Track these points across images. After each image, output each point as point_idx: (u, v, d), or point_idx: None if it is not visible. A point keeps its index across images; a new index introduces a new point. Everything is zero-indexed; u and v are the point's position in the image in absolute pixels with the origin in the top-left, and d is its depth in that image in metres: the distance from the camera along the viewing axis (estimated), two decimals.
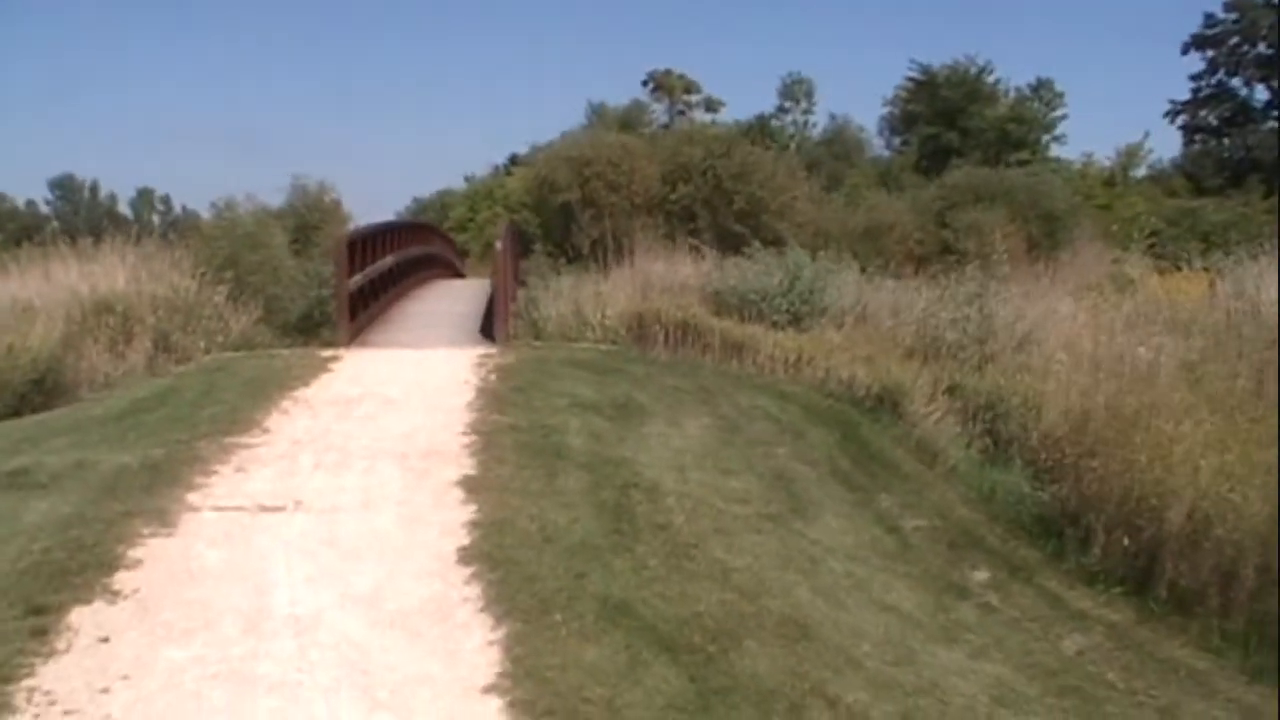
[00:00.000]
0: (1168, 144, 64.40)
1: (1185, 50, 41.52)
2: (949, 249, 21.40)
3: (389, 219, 20.76)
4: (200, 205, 49.46)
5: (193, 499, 6.87)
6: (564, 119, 69.72)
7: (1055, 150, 39.71)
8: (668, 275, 15.08)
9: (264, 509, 6.78)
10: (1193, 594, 7.33)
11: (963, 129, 37.76)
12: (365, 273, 14.00)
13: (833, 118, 42.16)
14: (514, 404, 9.43)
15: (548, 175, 23.51)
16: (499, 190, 36.88)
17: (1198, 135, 42.33)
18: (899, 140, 41.23)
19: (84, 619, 5.21)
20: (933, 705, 5.37)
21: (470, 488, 7.17)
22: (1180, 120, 42.34)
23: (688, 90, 45.41)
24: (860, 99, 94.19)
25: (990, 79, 39.16)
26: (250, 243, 17.44)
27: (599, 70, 76.89)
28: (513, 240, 18.20)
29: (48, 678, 4.70)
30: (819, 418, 10.35)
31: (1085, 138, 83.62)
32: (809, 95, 44.65)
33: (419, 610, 5.45)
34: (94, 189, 69.99)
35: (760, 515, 7.46)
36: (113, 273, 13.32)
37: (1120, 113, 73.59)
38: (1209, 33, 41.26)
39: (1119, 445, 7.88)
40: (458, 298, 18.33)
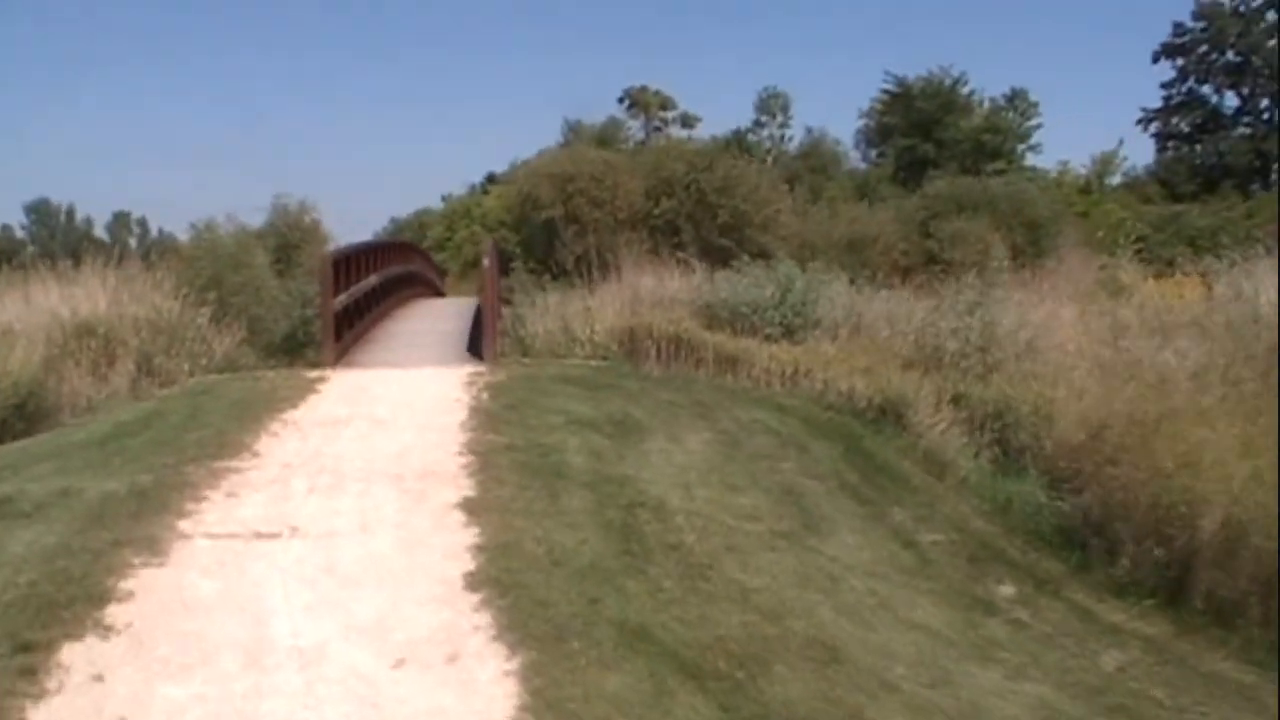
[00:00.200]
0: (1141, 151, 64.81)
1: (1155, 58, 41.87)
2: (934, 259, 21.31)
3: (367, 239, 20.64)
4: (177, 228, 49.25)
5: (184, 526, 6.63)
6: (540, 137, 69.78)
7: (1031, 160, 39.78)
8: (657, 289, 14.90)
9: (258, 536, 6.56)
10: (1231, 605, 7.14)
11: (938, 140, 37.70)
12: (350, 292, 13.81)
13: (809, 131, 42.02)
14: (508, 422, 9.25)
15: (530, 191, 23.29)
16: (476, 209, 36.76)
17: (1170, 142, 42.56)
18: (875, 152, 41.19)
19: (75, 656, 4.95)
20: None
21: (471, 510, 6.97)
22: (1153, 128, 42.60)
23: (663, 106, 45.26)
24: (836, 112, 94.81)
25: (965, 90, 39.17)
26: (233, 263, 17.32)
27: (573, 88, 77.03)
28: (496, 258, 18.06)
29: None
30: (821, 431, 10.17)
31: (1060, 146, 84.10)
32: (785, 109, 44.54)
33: (428, 640, 5.22)
34: (70, 213, 69.80)
35: (773, 533, 7.27)
36: (94, 295, 13.05)
37: (1094, 121, 74.11)
38: (1178, 41, 41.55)
39: (1142, 453, 7.67)
40: (441, 316, 18.21)
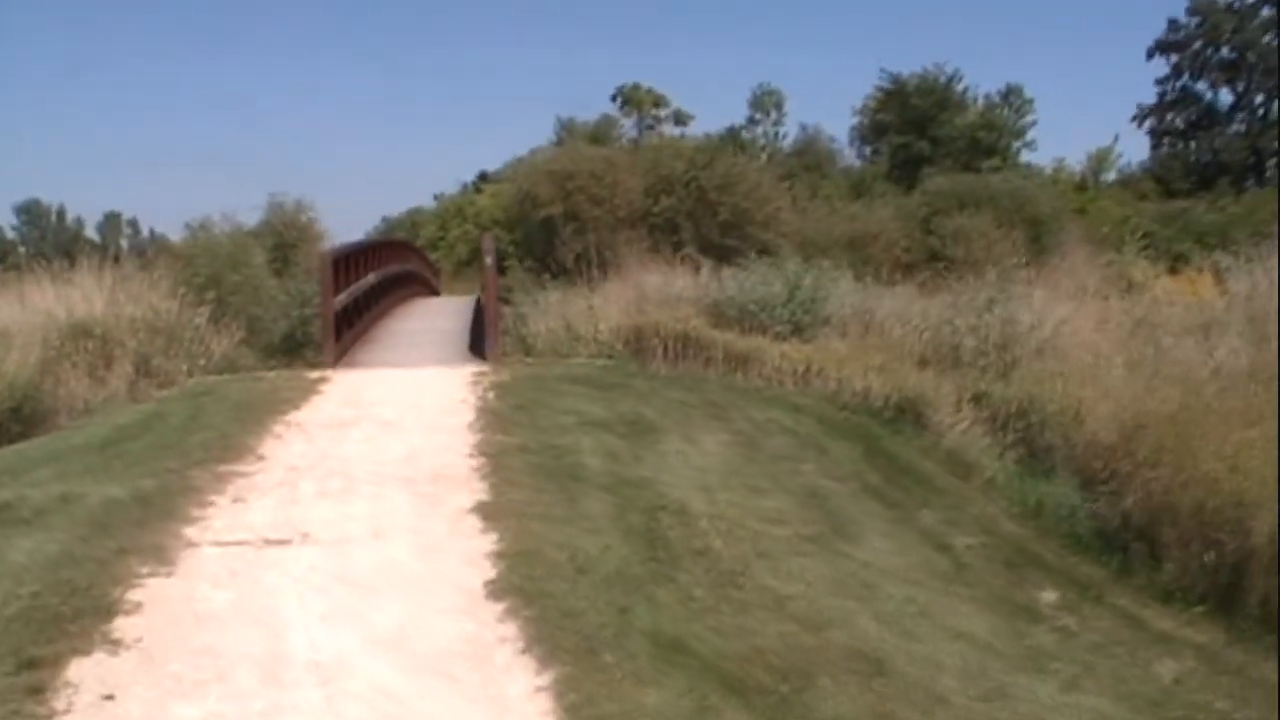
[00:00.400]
0: (1136, 148, 64.80)
1: (1150, 55, 41.93)
2: (936, 256, 21.18)
3: (360, 239, 20.43)
4: (168, 229, 48.88)
5: (190, 533, 6.37)
6: (532, 136, 69.43)
7: (1026, 156, 39.70)
8: (662, 287, 14.69)
9: (268, 542, 6.30)
10: None
11: (933, 137, 37.57)
12: (349, 291, 13.62)
13: (803, 128, 41.90)
14: (518, 423, 9.04)
15: (529, 189, 23.12)
16: (469, 208, 36.48)
17: (1165, 139, 42.57)
18: (870, 150, 41.03)
19: (84, 673, 4.68)
20: None
21: (487, 514, 6.73)
22: (1148, 124, 42.69)
23: (656, 104, 45.03)
24: (830, 109, 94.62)
25: (959, 87, 39.07)
26: (230, 263, 17.17)
27: (565, 86, 76.51)
28: (495, 255, 17.90)
29: None
30: (838, 431, 9.94)
31: (1055, 143, 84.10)
32: (779, 106, 44.47)
33: (453, 652, 4.97)
34: (60, 214, 69.24)
35: (800, 537, 7.03)
36: (90, 296, 12.79)
37: (1089, 117, 74.03)
38: (1173, 37, 41.55)
39: (1184, 454, 7.42)
40: (439, 314, 18.09)
